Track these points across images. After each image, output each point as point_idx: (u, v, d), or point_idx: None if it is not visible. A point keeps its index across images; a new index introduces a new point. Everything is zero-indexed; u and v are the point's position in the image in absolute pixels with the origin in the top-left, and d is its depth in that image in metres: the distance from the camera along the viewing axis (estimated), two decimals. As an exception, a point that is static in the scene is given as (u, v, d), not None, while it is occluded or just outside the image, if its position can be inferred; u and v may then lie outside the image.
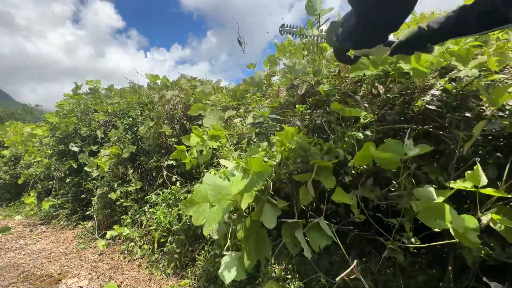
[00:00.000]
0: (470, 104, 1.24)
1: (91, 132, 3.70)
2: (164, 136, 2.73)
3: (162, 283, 1.99)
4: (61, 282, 2.13)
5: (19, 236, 3.34)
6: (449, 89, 1.28)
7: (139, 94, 3.42)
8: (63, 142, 3.87)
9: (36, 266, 2.43)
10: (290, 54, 2.00)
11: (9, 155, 5.18)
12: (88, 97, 4.25)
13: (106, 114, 3.69)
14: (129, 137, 3.03)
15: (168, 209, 2.30)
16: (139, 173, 3.00)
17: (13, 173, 5.01)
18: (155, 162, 2.75)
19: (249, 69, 2.80)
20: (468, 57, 1.23)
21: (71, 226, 3.59)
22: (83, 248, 2.85)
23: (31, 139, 4.88)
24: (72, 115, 3.93)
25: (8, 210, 4.86)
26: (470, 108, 1.22)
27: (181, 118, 2.82)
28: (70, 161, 3.62)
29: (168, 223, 2.19)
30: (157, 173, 2.79)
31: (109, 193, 2.93)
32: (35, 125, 5.88)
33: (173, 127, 2.78)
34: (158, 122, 2.74)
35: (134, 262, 2.38)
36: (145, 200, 2.67)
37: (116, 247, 2.73)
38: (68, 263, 2.48)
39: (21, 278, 2.21)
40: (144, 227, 2.53)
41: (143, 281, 2.04)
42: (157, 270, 2.14)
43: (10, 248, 2.93)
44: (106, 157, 3.11)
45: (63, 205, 3.87)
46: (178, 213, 2.20)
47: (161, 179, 2.68)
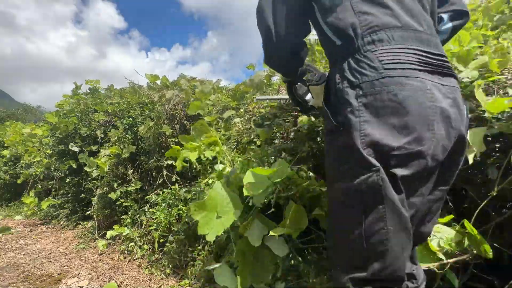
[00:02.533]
0: (470, 106, 1.24)
1: (91, 132, 3.69)
2: (164, 136, 2.73)
3: (162, 283, 1.99)
4: (61, 282, 2.13)
5: (19, 236, 3.34)
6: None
7: (139, 94, 3.41)
8: (63, 142, 3.86)
9: (36, 266, 2.43)
10: None
11: (9, 155, 5.18)
12: (88, 97, 4.24)
13: (106, 114, 3.68)
14: (129, 137, 3.03)
15: (168, 209, 2.30)
16: (139, 173, 3.00)
17: (13, 173, 5.01)
18: (155, 162, 2.75)
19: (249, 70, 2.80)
20: (468, 58, 1.23)
21: (71, 226, 3.59)
22: (83, 248, 2.85)
23: (31, 139, 4.87)
24: (72, 115, 3.92)
25: (8, 210, 4.86)
26: (471, 110, 1.22)
27: (181, 118, 2.82)
28: (70, 161, 3.62)
29: (168, 223, 2.19)
30: (157, 173, 2.78)
31: (109, 193, 2.93)
32: (35, 125, 5.88)
33: (173, 127, 2.78)
34: (158, 122, 2.74)
35: (134, 262, 2.39)
36: (145, 200, 2.67)
37: (116, 247, 2.73)
38: (68, 263, 2.48)
39: (21, 278, 2.21)
40: (144, 227, 2.53)
41: (143, 281, 2.04)
42: (157, 270, 2.14)
43: (10, 248, 2.93)
44: (106, 157, 3.11)
45: (63, 205, 3.87)
46: (178, 213, 2.20)
47: (161, 179, 2.67)
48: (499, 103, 0.97)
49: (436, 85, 0.74)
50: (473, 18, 1.69)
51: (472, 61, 1.23)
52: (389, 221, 0.71)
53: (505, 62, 1.20)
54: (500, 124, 1.05)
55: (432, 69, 0.75)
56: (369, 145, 0.71)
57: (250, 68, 2.79)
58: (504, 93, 1.20)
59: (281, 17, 0.87)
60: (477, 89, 1.04)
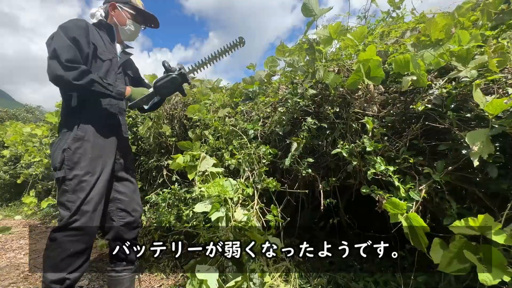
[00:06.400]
0: (470, 105, 1.24)
1: (91, 132, 3.69)
2: (164, 135, 2.73)
3: (162, 283, 1.99)
4: (61, 282, 2.12)
5: (19, 236, 3.34)
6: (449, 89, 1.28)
7: (139, 94, 3.41)
8: (63, 142, 3.86)
9: (36, 266, 2.43)
10: (289, 54, 2.00)
11: (9, 155, 5.18)
12: (88, 97, 4.24)
13: (106, 114, 3.68)
14: (129, 137, 3.03)
15: (168, 209, 2.30)
16: (139, 173, 3.00)
17: (13, 173, 5.01)
18: (155, 162, 2.75)
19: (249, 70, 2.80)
20: (468, 57, 1.22)
21: (71, 226, 3.58)
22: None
23: (31, 139, 4.87)
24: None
25: (8, 210, 4.86)
26: (470, 109, 1.22)
27: (181, 117, 2.82)
28: (70, 161, 3.61)
29: (168, 223, 2.18)
30: (157, 173, 2.78)
31: (109, 193, 2.93)
32: (35, 125, 5.88)
33: (173, 127, 2.78)
34: (158, 122, 2.74)
35: (134, 262, 2.38)
36: (145, 200, 2.67)
37: (116, 247, 2.73)
38: (68, 263, 2.48)
39: (21, 278, 2.21)
40: (144, 227, 2.53)
41: (143, 281, 2.04)
42: (157, 270, 2.14)
43: (10, 248, 2.93)
44: (106, 157, 3.10)
45: (63, 205, 3.86)
46: (178, 213, 2.20)
47: (161, 179, 2.67)
48: (497, 104, 0.97)
49: None
50: (473, 17, 1.69)
51: (471, 61, 1.23)
52: None
53: (504, 62, 1.20)
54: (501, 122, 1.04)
55: None
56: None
57: (250, 68, 2.79)
58: (504, 93, 1.20)
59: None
60: (475, 89, 1.03)
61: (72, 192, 1.31)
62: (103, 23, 1.56)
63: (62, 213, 1.31)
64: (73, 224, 1.29)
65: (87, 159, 1.36)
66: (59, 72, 1.26)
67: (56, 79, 1.28)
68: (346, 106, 1.67)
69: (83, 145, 1.37)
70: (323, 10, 1.70)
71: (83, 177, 1.33)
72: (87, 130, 1.39)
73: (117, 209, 1.56)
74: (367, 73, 1.39)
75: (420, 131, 1.38)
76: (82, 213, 1.31)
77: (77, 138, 1.36)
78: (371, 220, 1.98)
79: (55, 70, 1.26)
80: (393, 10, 2.37)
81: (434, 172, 1.25)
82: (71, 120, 1.41)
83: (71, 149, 1.33)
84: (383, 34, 2.10)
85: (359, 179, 1.56)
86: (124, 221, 1.57)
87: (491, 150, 1.00)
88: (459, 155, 1.21)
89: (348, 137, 1.57)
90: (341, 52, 2.04)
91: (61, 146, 1.35)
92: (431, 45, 1.40)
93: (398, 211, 1.15)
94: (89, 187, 1.33)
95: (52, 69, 1.27)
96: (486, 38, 1.41)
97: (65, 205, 1.31)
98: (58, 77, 1.27)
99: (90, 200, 1.33)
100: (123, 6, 1.57)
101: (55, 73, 1.26)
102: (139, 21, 1.64)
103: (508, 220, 1.00)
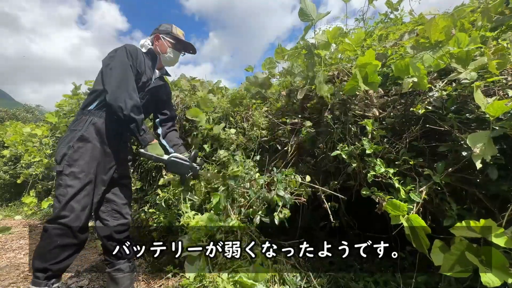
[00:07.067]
0: (470, 107, 1.24)
1: (91, 132, 3.69)
2: (164, 136, 2.72)
3: (162, 283, 2.00)
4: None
5: (19, 236, 3.34)
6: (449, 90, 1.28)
7: (139, 94, 3.40)
8: (63, 142, 3.86)
9: (36, 266, 2.43)
10: (288, 57, 1.99)
11: (9, 155, 5.17)
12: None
13: (106, 114, 3.68)
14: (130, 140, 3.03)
15: (168, 209, 2.30)
16: (139, 173, 3.00)
17: (13, 173, 5.01)
18: (155, 162, 2.75)
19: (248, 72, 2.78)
20: (468, 59, 1.23)
21: (71, 226, 3.58)
22: (83, 248, 2.84)
23: (31, 139, 4.87)
24: (72, 115, 3.92)
25: (8, 210, 4.85)
26: (470, 111, 1.22)
27: (181, 118, 2.82)
28: (70, 161, 3.61)
29: (168, 223, 2.18)
30: (157, 173, 2.78)
31: (109, 193, 2.93)
32: (35, 125, 5.88)
33: (173, 128, 2.78)
34: (158, 123, 2.73)
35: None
36: (145, 200, 2.67)
37: (116, 247, 2.73)
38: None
39: (21, 278, 2.21)
40: (144, 227, 2.53)
41: (143, 281, 2.04)
42: (157, 270, 2.14)
43: (10, 248, 2.93)
44: (106, 157, 3.10)
45: (63, 205, 3.86)
46: (178, 213, 2.20)
47: (161, 179, 2.67)
48: (498, 105, 0.97)
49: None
50: (472, 19, 1.69)
51: (471, 62, 1.23)
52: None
53: (504, 63, 1.20)
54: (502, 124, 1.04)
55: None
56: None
57: (248, 70, 2.78)
58: (504, 94, 1.20)
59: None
60: (475, 91, 1.04)
61: (65, 187, 1.40)
62: (151, 52, 1.78)
63: (55, 205, 1.41)
64: (62, 219, 1.37)
65: (86, 160, 1.45)
66: (122, 96, 1.44)
67: (116, 100, 1.44)
68: (346, 110, 1.67)
69: (86, 146, 1.47)
70: (321, 15, 1.67)
71: (78, 174, 1.42)
72: (93, 134, 1.50)
73: (112, 210, 1.69)
74: (364, 79, 1.39)
75: (420, 132, 1.38)
76: (71, 209, 1.39)
77: (82, 139, 1.48)
78: (371, 222, 1.98)
79: (120, 94, 1.44)
80: (391, 11, 2.37)
81: (434, 173, 1.25)
82: (83, 120, 1.52)
83: (74, 147, 1.45)
84: (382, 36, 2.10)
85: (359, 181, 1.56)
86: (117, 222, 1.69)
87: (494, 152, 1.00)
88: (459, 156, 1.21)
89: (348, 139, 1.57)
90: (340, 54, 2.03)
91: (66, 142, 1.47)
92: (431, 47, 1.40)
93: (399, 213, 1.15)
94: (81, 185, 1.42)
95: (117, 90, 1.45)
96: (486, 39, 1.41)
97: (57, 198, 1.41)
98: (119, 99, 1.43)
99: (80, 199, 1.42)
100: (165, 36, 1.80)
101: (118, 96, 1.44)
102: (178, 48, 1.84)
103: (509, 222, 1.00)
